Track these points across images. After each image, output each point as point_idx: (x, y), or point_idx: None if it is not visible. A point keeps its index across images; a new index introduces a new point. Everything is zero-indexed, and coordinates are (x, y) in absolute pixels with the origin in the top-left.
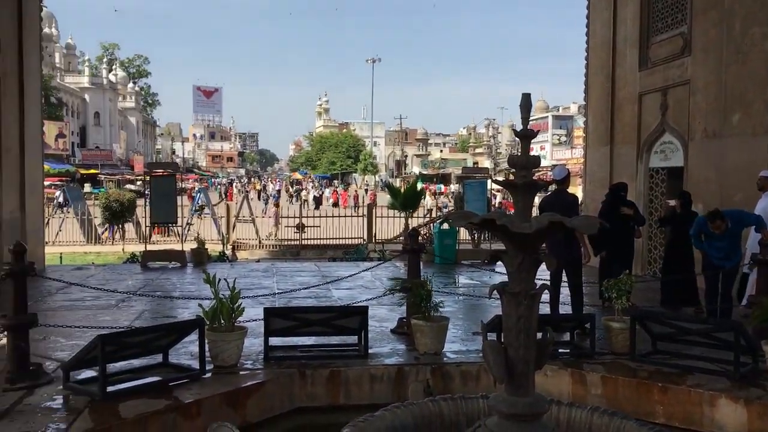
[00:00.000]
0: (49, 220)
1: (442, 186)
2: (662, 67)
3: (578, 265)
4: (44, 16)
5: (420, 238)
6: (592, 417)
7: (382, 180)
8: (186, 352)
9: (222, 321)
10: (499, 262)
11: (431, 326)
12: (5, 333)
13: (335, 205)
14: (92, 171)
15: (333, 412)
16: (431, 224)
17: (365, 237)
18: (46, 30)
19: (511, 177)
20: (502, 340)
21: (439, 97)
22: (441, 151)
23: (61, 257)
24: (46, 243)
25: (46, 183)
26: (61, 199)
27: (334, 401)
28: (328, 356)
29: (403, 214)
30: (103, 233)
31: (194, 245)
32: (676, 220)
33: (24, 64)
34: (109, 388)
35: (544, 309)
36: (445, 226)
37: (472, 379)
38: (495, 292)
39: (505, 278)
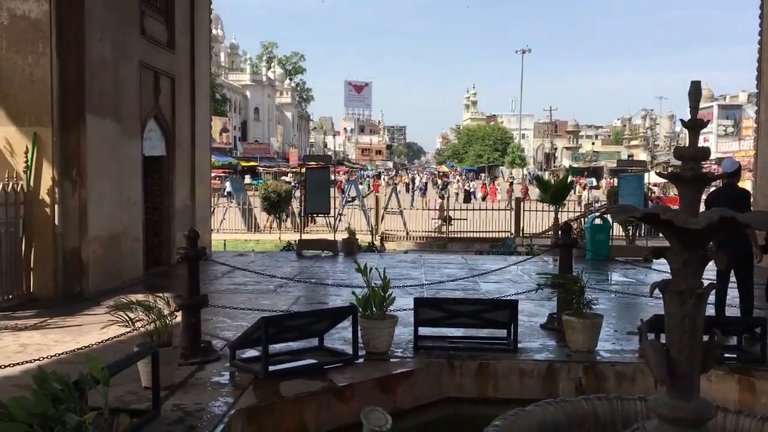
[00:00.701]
0: (214, 209)
1: (594, 179)
2: None
3: (749, 265)
4: (212, 19)
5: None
6: (762, 427)
7: (530, 173)
8: (339, 337)
9: (374, 309)
10: (657, 260)
11: (584, 323)
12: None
13: (483, 198)
14: (252, 163)
15: (481, 404)
16: (583, 219)
17: (512, 231)
18: (213, 32)
19: (671, 169)
20: (664, 340)
21: (591, 88)
22: (593, 143)
23: (224, 244)
24: (212, 230)
25: (211, 174)
26: (229, 189)
27: (483, 393)
28: (477, 348)
29: (552, 208)
30: (267, 222)
31: (345, 235)
32: None
33: (195, 65)
34: (271, 368)
35: (709, 310)
36: (598, 221)
37: (626, 380)
38: (656, 290)
39: (664, 276)
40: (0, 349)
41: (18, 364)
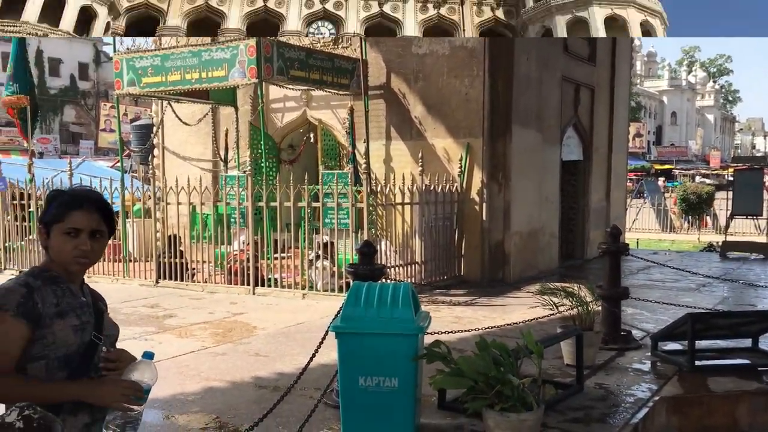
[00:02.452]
0: (627, 209)
1: None
2: None
3: None
4: None
5: None
6: None
7: None
8: None
9: None
10: None
11: None
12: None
13: None
14: (666, 166)
15: None
16: None
17: None
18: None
19: None
20: None
21: None
22: None
23: (637, 242)
24: (625, 229)
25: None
26: (645, 191)
27: None
28: None
29: None
30: (681, 223)
31: None
32: None
33: (615, 75)
34: (696, 363)
35: None
36: None
37: None
38: None
39: None
40: (439, 319)
41: (455, 332)
